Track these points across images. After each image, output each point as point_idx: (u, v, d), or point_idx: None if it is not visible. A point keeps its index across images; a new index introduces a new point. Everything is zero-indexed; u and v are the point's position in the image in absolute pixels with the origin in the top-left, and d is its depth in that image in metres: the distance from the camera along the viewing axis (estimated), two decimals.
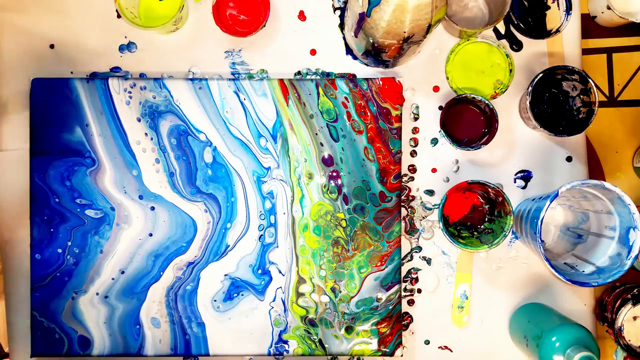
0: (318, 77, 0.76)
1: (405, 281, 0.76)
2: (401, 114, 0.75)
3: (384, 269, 0.74)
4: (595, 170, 0.82)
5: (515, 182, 0.77)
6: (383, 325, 0.74)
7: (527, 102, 0.71)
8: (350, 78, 0.75)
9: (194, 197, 0.74)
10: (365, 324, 0.74)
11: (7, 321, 0.75)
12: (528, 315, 0.74)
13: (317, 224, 0.74)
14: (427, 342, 0.76)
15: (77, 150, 0.74)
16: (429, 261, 0.76)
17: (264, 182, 0.74)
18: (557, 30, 0.75)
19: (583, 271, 0.67)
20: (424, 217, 0.76)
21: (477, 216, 0.76)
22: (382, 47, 0.68)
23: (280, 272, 0.74)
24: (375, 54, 0.71)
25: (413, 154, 0.76)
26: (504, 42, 0.77)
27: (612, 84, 0.83)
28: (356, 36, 0.70)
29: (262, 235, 0.74)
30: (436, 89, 0.77)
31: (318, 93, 0.74)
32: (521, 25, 0.76)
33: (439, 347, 0.76)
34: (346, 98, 0.74)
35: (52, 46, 0.76)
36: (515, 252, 0.76)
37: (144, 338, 0.73)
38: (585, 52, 0.81)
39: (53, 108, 0.74)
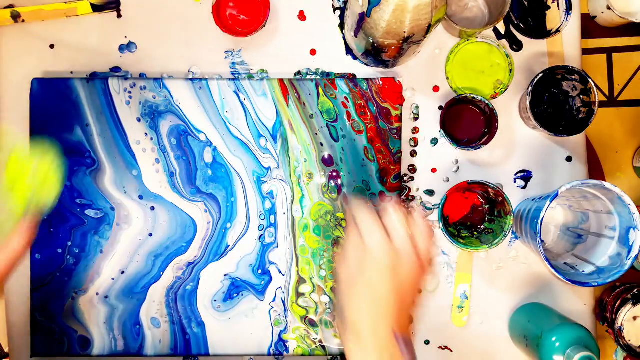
0: (318, 77, 0.76)
1: None
2: (401, 114, 0.75)
3: None
4: (595, 170, 0.82)
5: (515, 182, 0.77)
6: None
7: (527, 102, 0.71)
8: (350, 78, 0.75)
9: (194, 197, 0.74)
10: None
11: (7, 321, 0.75)
12: (528, 315, 0.74)
13: (317, 224, 0.74)
14: (427, 342, 0.76)
15: (77, 150, 0.74)
16: None
17: (264, 182, 0.74)
18: (557, 30, 0.75)
19: (583, 271, 0.67)
20: (424, 217, 0.76)
21: (477, 216, 0.76)
22: (382, 47, 0.68)
23: (280, 272, 0.74)
24: (375, 54, 0.71)
25: (413, 154, 0.76)
26: (504, 42, 0.77)
27: (612, 84, 0.83)
28: (356, 36, 0.70)
29: (262, 235, 0.74)
30: (436, 89, 0.77)
31: (318, 93, 0.74)
32: (521, 25, 0.76)
33: (439, 347, 0.76)
34: (346, 98, 0.74)
35: (52, 46, 0.76)
36: (515, 252, 0.76)
37: (144, 338, 0.73)
38: (585, 52, 0.81)
39: (53, 108, 0.74)
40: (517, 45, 0.77)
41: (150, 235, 0.74)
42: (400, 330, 0.54)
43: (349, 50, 0.77)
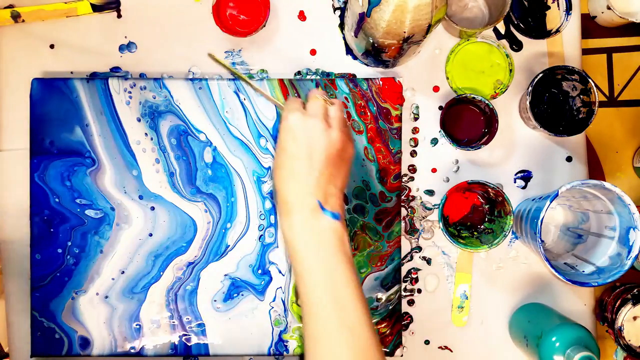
0: (318, 77, 0.76)
1: (405, 281, 0.76)
2: (401, 114, 0.75)
3: (384, 269, 0.74)
4: (595, 170, 0.82)
5: (515, 182, 0.77)
6: (383, 325, 0.74)
7: (527, 102, 0.71)
8: (350, 78, 0.75)
9: (194, 197, 0.74)
10: None
11: (7, 321, 0.75)
12: (528, 315, 0.74)
13: None
14: (427, 342, 0.76)
15: (77, 150, 0.74)
16: (429, 261, 0.76)
17: (264, 182, 0.74)
18: (557, 30, 0.75)
19: (583, 271, 0.67)
20: (424, 217, 0.76)
21: (477, 216, 0.76)
22: (382, 47, 0.68)
23: (280, 272, 0.74)
24: (375, 54, 0.71)
25: (413, 154, 0.76)
26: (504, 42, 0.77)
27: (612, 84, 0.83)
28: (356, 36, 0.70)
29: (262, 235, 0.74)
30: (436, 89, 0.77)
31: None
32: (521, 25, 0.76)
33: (439, 347, 0.76)
34: (346, 98, 0.74)
35: (52, 46, 0.76)
36: (515, 252, 0.76)
37: (144, 338, 0.73)
38: (585, 52, 0.81)
39: (53, 108, 0.74)
40: (517, 45, 0.77)
41: (150, 235, 0.74)
42: (325, 201, 0.58)
43: (349, 50, 0.77)
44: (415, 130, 0.77)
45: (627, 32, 0.83)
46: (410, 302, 0.76)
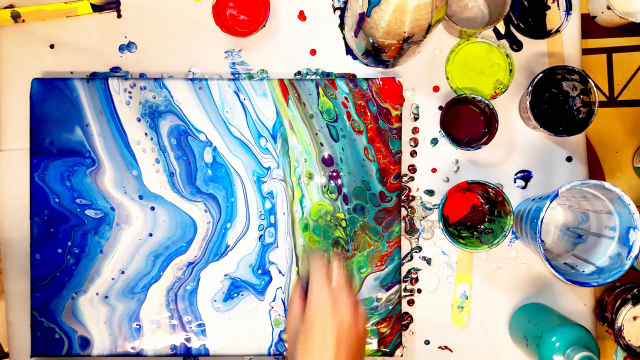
0: (318, 77, 0.76)
1: (405, 281, 0.76)
2: (401, 114, 0.75)
3: (384, 269, 0.74)
4: (595, 170, 0.82)
5: (515, 182, 0.77)
6: (383, 325, 0.74)
7: (527, 102, 0.71)
8: (350, 78, 0.75)
9: (194, 197, 0.74)
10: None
11: (7, 321, 0.75)
12: (528, 315, 0.74)
13: (317, 224, 0.74)
14: (427, 342, 0.76)
15: (77, 150, 0.74)
16: (429, 261, 0.76)
17: (263, 182, 0.74)
18: (557, 30, 0.75)
19: (583, 271, 0.67)
20: (424, 217, 0.76)
21: (477, 216, 0.76)
22: (382, 47, 0.68)
23: (280, 272, 0.74)
24: (375, 54, 0.71)
25: (413, 154, 0.76)
26: (504, 42, 0.77)
27: (612, 84, 0.83)
28: (356, 36, 0.70)
29: (262, 235, 0.74)
30: (436, 89, 0.77)
31: (318, 93, 0.74)
32: (521, 25, 0.76)
33: (439, 347, 0.76)
34: (346, 98, 0.74)
35: (52, 46, 0.76)
36: (515, 252, 0.76)
37: (143, 338, 0.73)
38: (585, 52, 0.81)
39: (53, 108, 0.74)
40: (517, 45, 0.77)
41: (150, 235, 0.74)
42: None
43: (349, 50, 0.77)
44: (415, 130, 0.77)
45: (627, 32, 0.83)
46: (410, 302, 0.76)
